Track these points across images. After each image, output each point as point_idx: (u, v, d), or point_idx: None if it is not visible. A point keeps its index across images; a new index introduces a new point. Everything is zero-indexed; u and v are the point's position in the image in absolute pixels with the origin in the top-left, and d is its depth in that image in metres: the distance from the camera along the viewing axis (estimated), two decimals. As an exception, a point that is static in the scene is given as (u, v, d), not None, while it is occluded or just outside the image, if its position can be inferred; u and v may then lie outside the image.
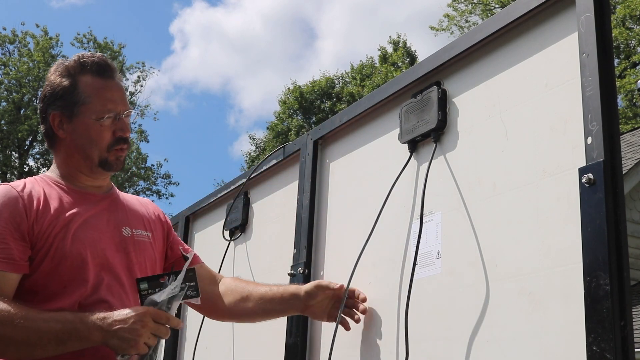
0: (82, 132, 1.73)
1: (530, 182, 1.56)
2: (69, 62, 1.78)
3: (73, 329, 1.51)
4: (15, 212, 1.62)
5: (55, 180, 1.76)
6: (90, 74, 1.75)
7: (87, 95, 1.73)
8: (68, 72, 1.76)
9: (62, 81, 1.75)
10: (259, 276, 2.59)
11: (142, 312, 1.52)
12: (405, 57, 25.61)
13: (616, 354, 1.26)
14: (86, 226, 1.70)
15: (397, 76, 2.08)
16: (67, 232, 1.66)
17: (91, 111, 1.73)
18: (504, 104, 1.68)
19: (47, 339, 1.51)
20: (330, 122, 2.32)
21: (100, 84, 1.75)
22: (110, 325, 1.51)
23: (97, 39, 23.12)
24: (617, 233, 1.33)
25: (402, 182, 1.95)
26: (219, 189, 3.03)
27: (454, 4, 22.50)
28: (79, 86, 1.74)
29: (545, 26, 1.59)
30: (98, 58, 1.78)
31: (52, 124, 1.76)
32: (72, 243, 1.65)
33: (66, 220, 1.67)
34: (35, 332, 1.50)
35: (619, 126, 1.44)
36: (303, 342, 2.18)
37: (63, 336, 1.51)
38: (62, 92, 1.74)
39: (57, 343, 1.51)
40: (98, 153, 1.74)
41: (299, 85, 27.58)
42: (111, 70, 1.79)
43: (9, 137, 21.79)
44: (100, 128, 1.73)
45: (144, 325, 1.51)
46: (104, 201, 1.79)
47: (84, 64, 1.76)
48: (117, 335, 1.50)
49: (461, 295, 1.67)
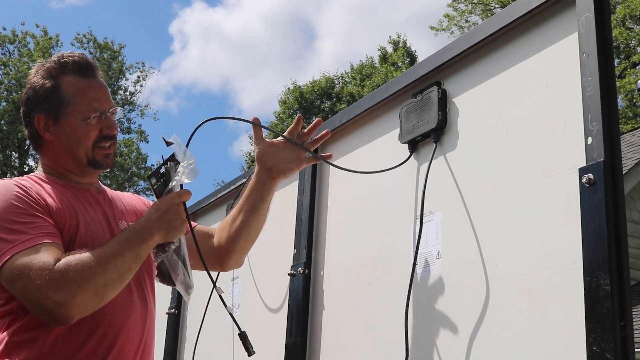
0: (69, 133, 1.72)
1: (530, 182, 1.56)
2: (49, 64, 1.76)
3: (139, 239, 1.60)
4: (33, 199, 1.63)
5: (49, 178, 1.75)
6: (71, 73, 1.74)
7: (71, 96, 1.72)
8: (49, 74, 1.74)
9: (44, 83, 1.73)
10: (259, 276, 2.59)
11: (171, 197, 1.64)
12: (405, 57, 25.61)
13: (616, 354, 1.26)
14: (91, 221, 1.71)
15: (397, 76, 2.08)
16: (78, 222, 1.67)
17: (77, 112, 1.71)
18: (504, 104, 1.68)
19: (130, 258, 1.58)
20: (330, 122, 2.32)
21: (83, 83, 1.74)
22: (159, 219, 1.62)
23: (97, 39, 23.14)
24: (617, 233, 1.33)
25: (402, 182, 1.95)
26: (219, 189, 3.03)
27: (454, 4, 22.50)
28: (62, 87, 1.72)
29: (545, 26, 1.59)
30: (78, 57, 1.76)
31: (37, 127, 1.74)
32: (82, 232, 1.67)
33: (73, 211, 1.68)
34: (117, 258, 1.56)
35: (619, 126, 1.44)
36: (303, 342, 2.18)
37: (137, 249, 1.59)
38: (45, 94, 1.72)
39: (135, 258, 1.59)
40: (84, 152, 1.73)
41: (299, 85, 27.58)
42: (93, 69, 1.77)
43: (9, 137, 21.79)
44: (87, 128, 1.72)
45: (178, 205, 1.64)
46: (99, 196, 1.80)
47: (65, 64, 1.74)
48: (170, 224, 1.62)
49: (461, 295, 1.67)
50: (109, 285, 1.55)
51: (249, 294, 2.63)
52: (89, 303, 1.53)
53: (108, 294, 1.56)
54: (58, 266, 1.50)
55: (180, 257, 1.73)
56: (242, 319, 2.66)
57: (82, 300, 1.51)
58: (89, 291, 1.51)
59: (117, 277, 1.56)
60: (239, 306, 2.70)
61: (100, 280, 1.53)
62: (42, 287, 1.47)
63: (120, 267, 1.56)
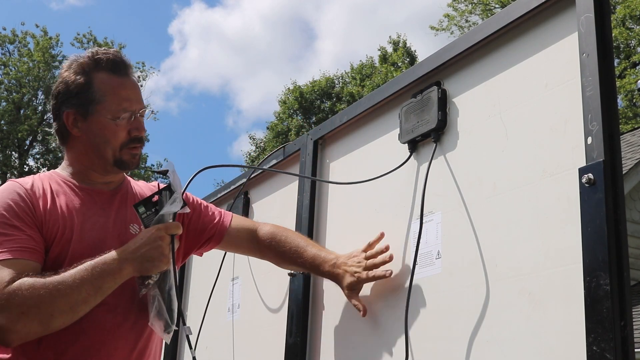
0: (97, 131, 1.71)
1: (530, 182, 1.56)
2: (83, 59, 1.74)
3: (103, 271, 1.52)
4: (25, 207, 1.61)
5: (64, 178, 1.74)
6: (105, 71, 1.72)
7: (103, 94, 1.70)
8: (82, 69, 1.72)
9: (76, 78, 1.71)
10: (259, 276, 2.59)
11: (156, 229, 1.57)
12: (405, 57, 25.61)
13: (616, 354, 1.26)
14: (92, 226, 1.68)
15: (397, 76, 2.08)
16: (72, 233, 1.64)
17: (107, 110, 1.70)
18: (504, 104, 1.68)
19: (86, 291, 1.51)
20: (330, 122, 2.32)
21: (115, 81, 1.72)
22: (135, 252, 1.54)
23: (97, 39, 23.14)
24: (617, 233, 1.33)
25: (402, 182, 1.95)
26: (219, 189, 3.03)
27: (454, 4, 22.50)
28: (94, 84, 1.70)
29: (545, 26, 1.59)
30: (113, 54, 1.75)
31: (65, 122, 1.73)
32: (75, 244, 1.64)
33: (71, 220, 1.65)
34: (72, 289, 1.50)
35: (619, 126, 1.44)
36: (303, 342, 2.18)
37: (97, 282, 1.52)
38: (76, 90, 1.71)
39: (95, 291, 1.52)
40: (112, 152, 1.72)
41: (299, 85, 27.58)
42: (126, 67, 1.75)
43: (9, 137, 21.78)
44: (115, 127, 1.70)
45: (162, 239, 1.56)
46: (112, 198, 1.77)
47: (99, 60, 1.72)
48: (146, 257, 1.54)
49: (461, 295, 1.67)
50: (55, 315, 1.50)
51: (249, 294, 2.63)
52: (31, 330, 1.49)
53: (55, 323, 1.51)
54: (8, 289, 1.48)
55: (164, 293, 1.62)
56: (242, 319, 2.66)
57: (23, 328, 1.48)
58: (32, 320, 1.48)
59: (67, 308, 1.50)
60: (239, 306, 2.70)
61: (47, 310, 1.48)
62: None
63: (72, 299, 1.50)
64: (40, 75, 22.11)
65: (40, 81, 22.21)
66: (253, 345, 2.54)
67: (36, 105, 22.70)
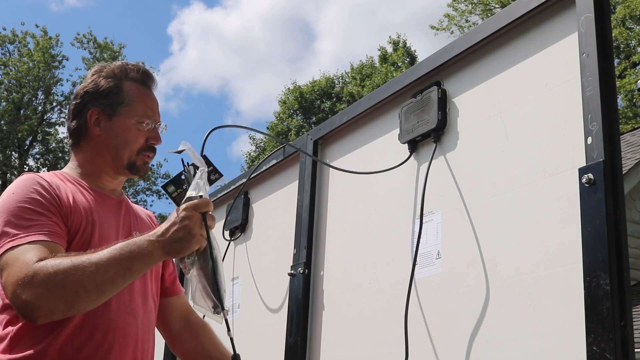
0: (119, 132, 1.77)
1: (530, 182, 1.56)
2: (114, 66, 1.84)
3: (132, 252, 1.50)
4: (50, 197, 1.64)
5: (74, 178, 1.78)
6: (134, 80, 1.82)
7: (131, 99, 1.78)
8: (114, 74, 1.81)
9: (107, 82, 1.80)
10: (259, 276, 2.59)
11: (183, 209, 1.52)
12: (405, 57, 25.61)
13: (616, 354, 1.26)
14: (107, 225, 1.73)
15: (397, 76, 2.09)
16: (94, 227, 1.68)
17: (133, 113, 1.77)
18: (504, 104, 1.68)
19: (113, 270, 1.48)
20: (330, 122, 2.32)
21: (143, 91, 1.82)
22: (163, 234, 1.51)
23: (97, 39, 23.13)
24: (617, 233, 1.33)
25: (402, 182, 1.95)
26: (219, 189, 3.03)
27: (454, 4, 22.50)
28: (124, 88, 1.80)
29: (545, 26, 1.59)
30: (141, 68, 1.86)
31: (88, 119, 1.78)
32: (97, 237, 1.67)
33: (93, 218, 1.69)
34: (99, 267, 1.47)
35: (619, 126, 1.44)
36: (303, 342, 2.18)
37: (126, 262, 1.49)
38: (107, 91, 1.79)
39: (123, 271, 1.49)
40: (128, 155, 1.77)
41: (299, 85, 27.58)
42: (152, 81, 1.86)
43: (9, 137, 21.78)
44: (137, 132, 1.77)
45: (190, 218, 1.51)
46: (119, 205, 1.82)
47: (128, 69, 1.82)
48: (174, 238, 1.50)
49: (461, 295, 1.67)
50: (81, 294, 1.47)
51: (249, 294, 2.63)
52: (56, 307, 1.47)
53: (80, 303, 1.48)
54: (35, 266, 1.48)
55: (207, 273, 1.55)
56: (242, 319, 2.66)
57: (47, 304, 1.46)
58: (57, 296, 1.46)
59: (93, 287, 1.47)
60: (239, 306, 2.70)
61: (72, 287, 1.46)
62: (15, 283, 1.47)
63: (98, 278, 1.47)
64: (40, 75, 22.11)
65: (40, 81, 22.21)
66: (253, 345, 2.55)
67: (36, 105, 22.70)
